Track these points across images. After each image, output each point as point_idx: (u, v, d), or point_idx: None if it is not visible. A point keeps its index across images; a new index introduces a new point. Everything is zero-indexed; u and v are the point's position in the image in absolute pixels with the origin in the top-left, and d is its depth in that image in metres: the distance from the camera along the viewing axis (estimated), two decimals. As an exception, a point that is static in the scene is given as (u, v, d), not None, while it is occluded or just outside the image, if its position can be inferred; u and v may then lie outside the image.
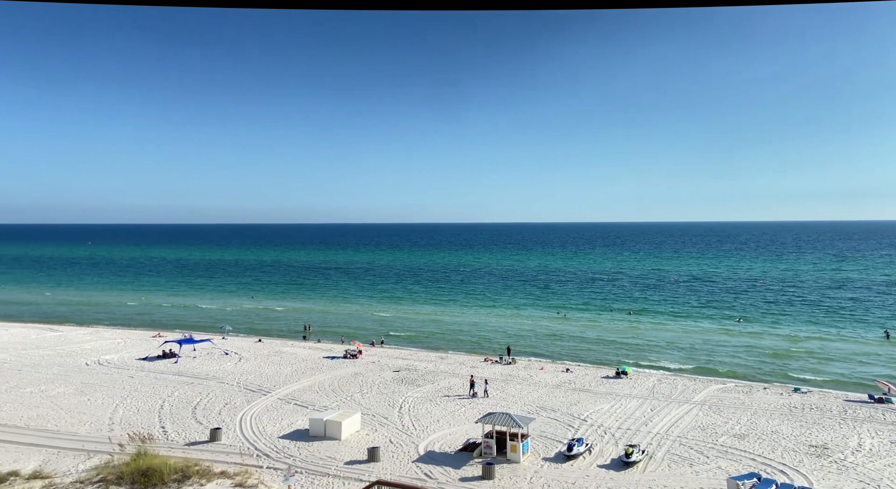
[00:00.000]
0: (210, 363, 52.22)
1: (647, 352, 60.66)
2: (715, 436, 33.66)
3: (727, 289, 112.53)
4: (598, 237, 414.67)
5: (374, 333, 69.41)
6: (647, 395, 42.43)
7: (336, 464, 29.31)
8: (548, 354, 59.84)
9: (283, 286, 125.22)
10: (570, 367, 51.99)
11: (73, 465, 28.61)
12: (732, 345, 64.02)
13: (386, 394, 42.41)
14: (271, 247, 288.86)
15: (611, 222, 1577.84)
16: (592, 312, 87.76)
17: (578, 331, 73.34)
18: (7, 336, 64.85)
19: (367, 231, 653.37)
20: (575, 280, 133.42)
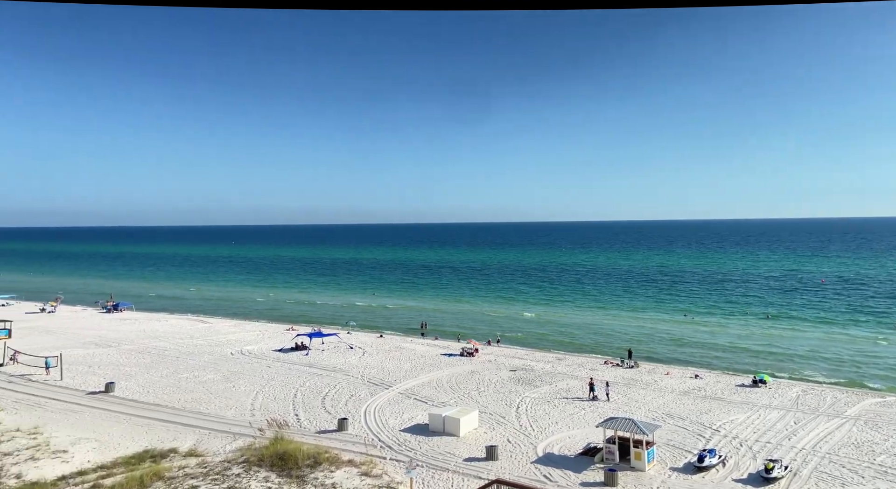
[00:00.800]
0: (337, 356, 55.31)
1: (788, 361, 55.31)
2: (872, 455, 29.88)
3: (883, 293, 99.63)
4: (727, 235, 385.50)
5: (488, 332, 69.69)
6: (790, 407, 38.64)
7: (455, 460, 29.77)
8: (673, 359, 56.59)
9: (399, 284, 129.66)
10: (700, 373, 48.74)
11: (221, 446, 31.59)
12: (891, 356, 56.54)
13: (503, 394, 42.39)
14: (388, 247, 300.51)
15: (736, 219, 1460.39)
16: (723, 315, 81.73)
17: (707, 335, 68.64)
18: (167, 326, 73.20)
19: (483, 230, 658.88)
20: (702, 280, 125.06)
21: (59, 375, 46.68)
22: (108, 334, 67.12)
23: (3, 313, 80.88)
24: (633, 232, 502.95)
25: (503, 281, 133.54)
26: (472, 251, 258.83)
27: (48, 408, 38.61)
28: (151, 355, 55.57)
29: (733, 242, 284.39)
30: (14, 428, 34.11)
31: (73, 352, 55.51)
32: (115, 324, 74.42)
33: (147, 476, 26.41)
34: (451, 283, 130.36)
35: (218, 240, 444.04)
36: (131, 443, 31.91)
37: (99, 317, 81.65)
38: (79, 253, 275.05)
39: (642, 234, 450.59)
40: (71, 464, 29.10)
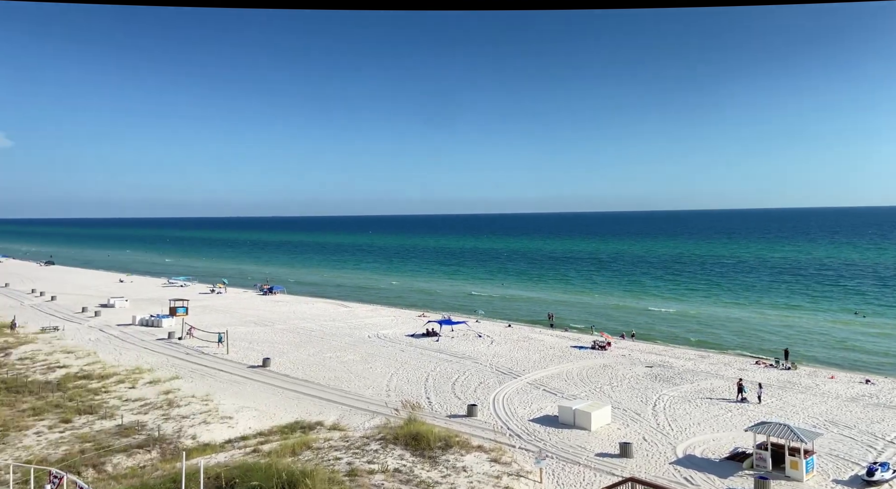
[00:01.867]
0: (465, 343, 56.43)
1: None
2: None
3: None
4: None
5: (619, 326, 66.99)
6: None
7: (586, 454, 29.09)
8: (838, 361, 50.48)
9: (525, 274, 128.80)
10: (872, 379, 42.97)
11: (361, 422, 33.69)
12: None
13: (638, 390, 40.57)
14: (514, 237, 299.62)
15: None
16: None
17: (883, 336, 60.27)
18: (313, 309, 79.45)
19: (607, 220, 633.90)
20: (879, 275, 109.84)
21: (226, 349, 52.61)
22: (265, 314, 74.33)
23: (181, 293, 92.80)
24: (783, 220, 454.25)
25: (630, 273, 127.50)
26: (598, 241, 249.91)
27: (217, 378, 43.72)
28: (300, 335, 60.65)
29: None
30: (190, 394, 39.09)
31: (237, 330, 62.23)
32: (270, 306, 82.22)
33: (298, 445, 28.94)
34: (576, 274, 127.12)
35: (353, 229, 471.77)
36: (284, 414, 35.15)
37: (257, 299, 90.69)
38: (241, 240, 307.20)
39: (795, 222, 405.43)
40: (235, 429, 32.74)
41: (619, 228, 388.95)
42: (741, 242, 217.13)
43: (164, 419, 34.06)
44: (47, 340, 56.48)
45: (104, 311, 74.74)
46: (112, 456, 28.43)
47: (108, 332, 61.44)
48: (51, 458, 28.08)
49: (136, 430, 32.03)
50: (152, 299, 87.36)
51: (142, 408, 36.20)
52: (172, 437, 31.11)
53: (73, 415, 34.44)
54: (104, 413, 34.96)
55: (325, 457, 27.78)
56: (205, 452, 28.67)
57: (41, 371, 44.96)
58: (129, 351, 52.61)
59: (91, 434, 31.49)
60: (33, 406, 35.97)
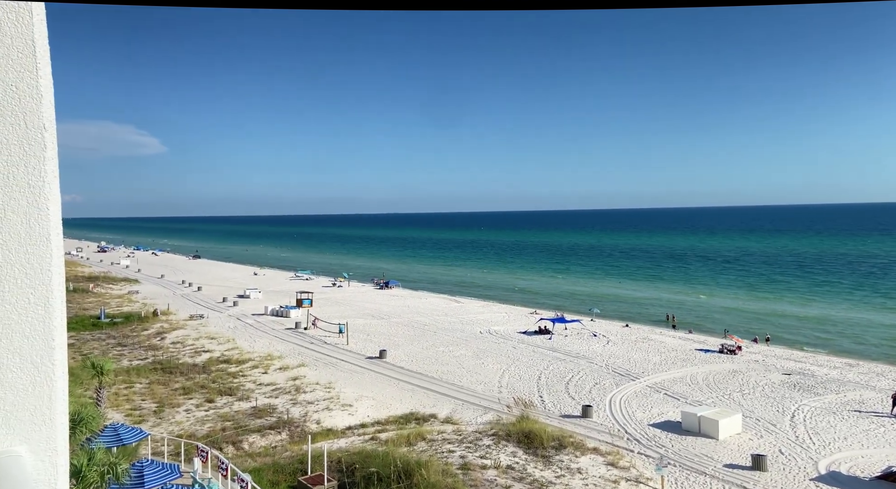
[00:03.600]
0: (579, 343, 54.97)
1: None
2: None
3: None
4: None
5: (754, 329, 61.76)
6: None
7: (713, 465, 27.16)
8: None
9: (643, 272, 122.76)
10: None
11: (473, 417, 33.98)
12: None
13: (773, 399, 37.21)
14: (631, 233, 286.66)
15: None
16: None
17: None
18: (426, 304, 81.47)
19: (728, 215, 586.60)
20: None
21: (346, 340, 55.48)
22: (381, 308, 77.41)
23: (306, 286, 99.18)
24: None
25: (763, 271, 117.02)
26: (721, 237, 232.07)
27: (338, 367, 46.21)
28: (414, 328, 62.43)
29: None
30: (315, 381, 41.65)
31: (356, 322, 65.40)
32: (386, 299, 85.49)
33: (413, 435, 29.80)
34: (700, 273, 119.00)
35: (468, 226, 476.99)
36: (399, 405, 36.35)
37: (374, 292, 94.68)
38: (358, 236, 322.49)
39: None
40: (355, 417, 34.39)
41: (732, 223, 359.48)
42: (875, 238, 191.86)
43: (293, 403, 36.57)
44: (195, 327, 62.83)
45: (241, 302, 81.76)
46: (248, 435, 31.04)
47: (244, 321, 67.15)
48: (198, 434, 31.21)
49: (268, 413, 34.71)
50: (282, 291, 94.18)
51: (273, 392, 39.14)
52: (300, 421, 33.32)
53: (215, 395, 38.04)
54: (241, 395, 38.25)
55: (438, 449, 28.34)
56: (328, 437, 30.40)
57: (189, 354, 50.13)
58: (261, 339, 57.13)
59: (230, 414, 34.59)
60: (183, 386, 40.20)
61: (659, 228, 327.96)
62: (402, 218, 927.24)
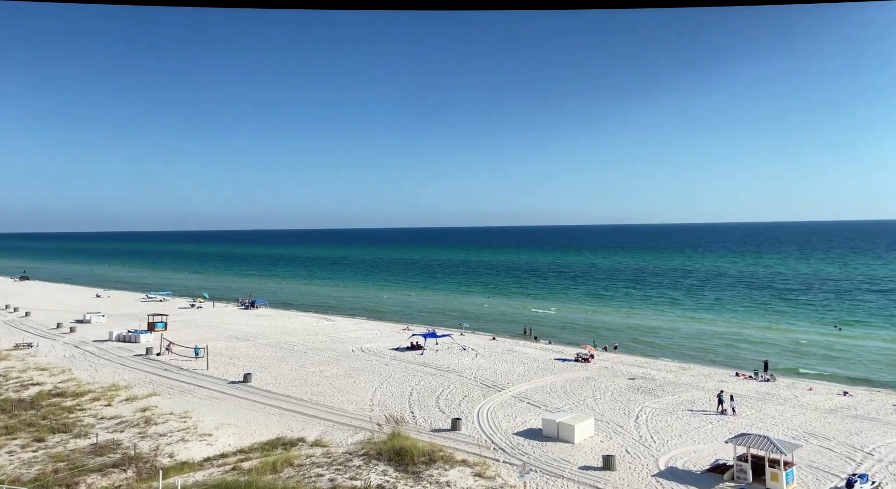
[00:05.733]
0: (450, 357, 56.26)
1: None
2: None
3: None
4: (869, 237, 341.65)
5: (604, 339, 67.32)
6: (966, 434, 33.40)
7: (570, 468, 29.07)
8: (819, 374, 51.21)
9: (510, 287, 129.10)
10: (850, 391, 43.64)
11: (344, 438, 33.34)
12: None
13: (620, 402, 40.74)
14: (494, 249, 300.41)
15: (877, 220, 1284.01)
16: (882, 327, 72.62)
17: (862, 348, 61.36)
18: (295, 323, 78.70)
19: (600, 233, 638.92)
20: (852, 289, 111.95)
21: (206, 365, 51.84)
22: (246, 329, 73.45)
23: (160, 308, 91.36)
24: (751, 235, 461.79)
25: (616, 286, 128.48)
26: (575, 254, 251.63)
27: (196, 394, 43.00)
28: (282, 349, 60.00)
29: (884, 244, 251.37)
30: (168, 411, 38.39)
31: (217, 345, 61.38)
32: (251, 320, 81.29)
33: (279, 462, 28.53)
34: (562, 287, 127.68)
35: (331, 242, 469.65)
36: (265, 430, 34.66)
37: (238, 313, 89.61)
38: (220, 254, 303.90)
39: (759, 236, 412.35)
40: (214, 446, 32.19)
41: (597, 242, 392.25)
42: (713, 256, 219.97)
43: (141, 437, 33.38)
44: (20, 357, 55.19)
45: (80, 327, 73.28)
46: (86, 475, 27.75)
47: (83, 349, 60.21)
48: (23, 478, 27.34)
49: (111, 449, 31.34)
50: (130, 314, 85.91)
51: (118, 426, 35.45)
52: (149, 456, 30.49)
53: (46, 433, 33.61)
54: (78, 431, 34.17)
55: (306, 475, 27.41)
56: (182, 471, 28.12)
57: (14, 389, 43.87)
58: (104, 367, 51.58)
59: (65, 453, 30.74)
60: (6, 424, 35.03)
61: (522, 245, 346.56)
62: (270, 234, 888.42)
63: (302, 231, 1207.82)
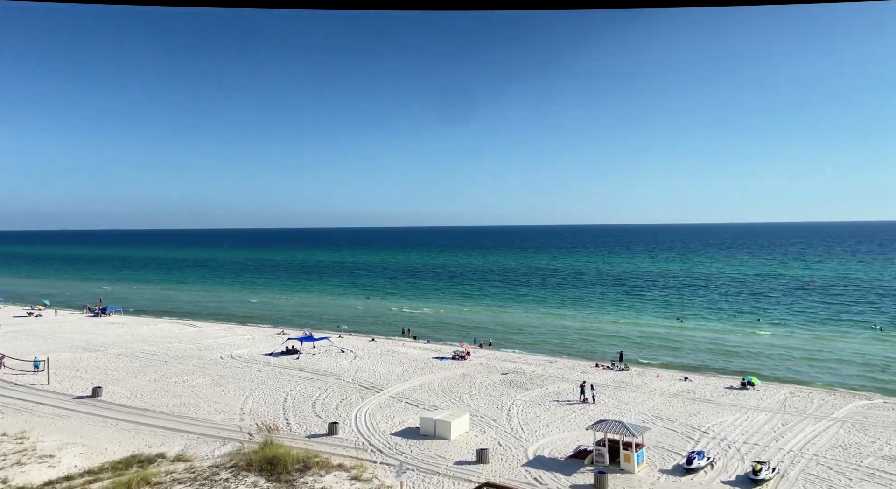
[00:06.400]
0: (328, 360, 55.12)
1: (777, 362, 55.80)
2: (859, 457, 30.17)
3: (869, 296, 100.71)
4: (714, 239, 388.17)
5: (483, 335, 69.74)
6: (778, 409, 38.95)
7: (446, 464, 29.74)
8: (664, 362, 56.88)
9: (390, 288, 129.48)
10: (689, 376, 49.01)
11: (210, 451, 31.38)
12: (877, 356, 57.14)
13: (494, 397, 42.41)
14: (374, 251, 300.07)
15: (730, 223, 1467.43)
16: (714, 319, 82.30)
17: (698, 338, 69.06)
18: (155, 330, 72.66)
19: (469, 234, 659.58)
20: (693, 284, 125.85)
21: (47, 380, 46.20)
22: (96, 338, 66.52)
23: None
24: (620, 235, 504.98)
25: (491, 285, 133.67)
26: (453, 255, 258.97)
27: (35, 412, 38.19)
28: (139, 359, 55.13)
29: (721, 246, 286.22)
30: (0, 433, 33.71)
31: (61, 357, 54.96)
32: (102, 328, 73.75)
33: (134, 481, 26.17)
34: (438, 288, 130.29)
35: (205, 243, 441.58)
36: (119, 448, 31.63)
37: (87, 321, 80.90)
38: (63, 256, 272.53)
39: (628, 237, 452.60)
40: (57, 469, 28.79)
41: (469, 243, 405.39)
42: (582, 255, 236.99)
43: (-36, 465, 28.96)
44: None
45: None
46: None
47: None
48: None
49: (-77, 482, 26.86)
50: (-50, 325, 74.28)
51: (-67, 454, 30.47)
52: (-26, 486, 26.55)
53: None
54: None
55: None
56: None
57: None
58: (-84, 387, 44.11)
59: None
60: None
61: (398, 247, 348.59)
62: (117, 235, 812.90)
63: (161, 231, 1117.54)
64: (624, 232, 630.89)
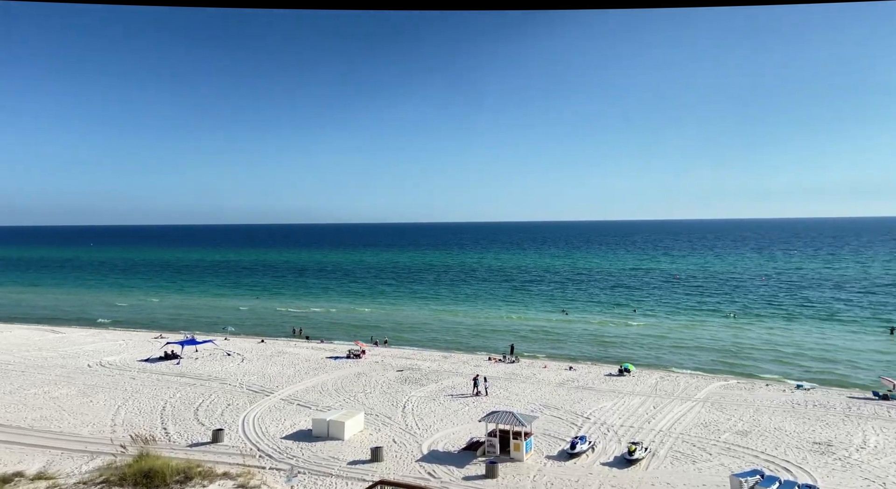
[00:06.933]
0: (212, 364, 52.21)
1: (649, 350, 60.65)
2: (718, 433, 33.63)
3: (724, 286, 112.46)
4: (595, 236, 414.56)
5: (377, 333, 69.39)
6: (650, 393, 42.41)
7: (339, 465, 29.29)
8: (551, 353, 59.82)
9: (288, 287, 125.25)
10: (574, 366, 51.98)
11: (77, 467, 28.60)
12: (730, 342, 63.99)
13: (389, 394, 42.39)
14: (270, 248, 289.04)
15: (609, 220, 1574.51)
16: (595, 311, 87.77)
17: (581, 329, 73.34)
18: (11, 337, 64.88)
19: (368, 231, 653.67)
20: (576, 279, 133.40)
21: None
22: (-66, 349, 58.16)
23: None
24: (512, 233, 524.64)
25: (384, 283, 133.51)
26: (345, 253, 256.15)
27: None
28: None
29: (602, 242, 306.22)
30: None
31: None
32: (-58, 337, 64.62)
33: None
34: (329, 286, 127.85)
35: (69, 242, 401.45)
36: (-37, 473, 27.89)
37: (-79, 329, 70.49)
38: None
39: (520, 234, 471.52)
40: None
41: (361, 240, 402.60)
42: (468, 253, 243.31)
43: None
44: None
45: None
46: None
47: None
48: None
49: None
50: None
51: None
52: None
53: None
54: None
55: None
56: None
57: None
58: None
59: None
60: None
61: (284, 244, 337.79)
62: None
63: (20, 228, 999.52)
64: (515, 229, 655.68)
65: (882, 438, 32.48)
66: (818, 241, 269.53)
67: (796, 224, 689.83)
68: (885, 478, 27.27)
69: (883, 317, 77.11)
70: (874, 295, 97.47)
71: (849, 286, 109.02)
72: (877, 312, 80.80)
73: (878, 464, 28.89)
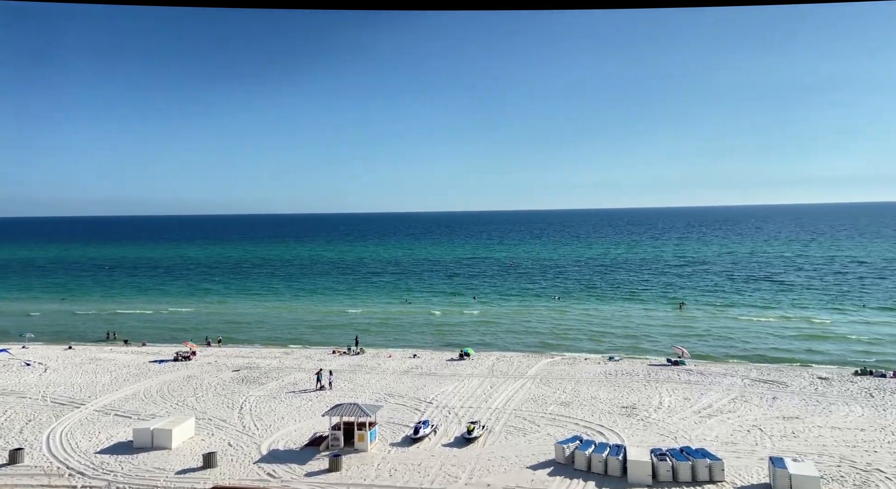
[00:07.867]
0: (8, 376, 44.93)
1: (486, 334, 64.31)
2: (545, 406, 36.85)
3: (548, 272, 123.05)
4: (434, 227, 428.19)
5: (208, 334, 64.72)
6: (487, 374, 45.07)
7: (166, 475, 26.99)
8: (397, 342, 60.72)
9: (94, 288, 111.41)
10: (417, 353, 53.32)
11: None
12: (554, 323, 70.38)
13: (224, 396, 39.91)
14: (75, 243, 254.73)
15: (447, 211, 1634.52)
16: (436, 299, 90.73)
17: (424, 318, 75.39)
18: None
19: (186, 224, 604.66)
20: (416, 269, 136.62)
21: None
22: None
23: None
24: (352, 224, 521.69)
25: (213, 281, 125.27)
26: (168, 248, 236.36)
27: None
28: None
29: (442, 233, 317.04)
30: None
31: None
32: None
33: None
34: (152, 286, 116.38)
35: None
36: None
37: None
38: None
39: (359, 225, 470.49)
40: None
41: (196, 233, 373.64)
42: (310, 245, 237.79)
43: None
44: None
45: None
46: None
47: None
48: None
49: None
50: None
51: None
52: None
53: None
54: None
55: None
56: None
57: None
58: None
59: None
60: None
61: (93, 239, 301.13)
62: None
63: None
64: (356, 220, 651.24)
65: (674, 399, 38.08)
66: (621, 230, 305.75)
67: (598, 214, 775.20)
68: (675, 432, 32.05)
69: (671, 295, 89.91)
70: (665, 275, 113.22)
71: (646, 269, 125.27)
72: (667, 291, 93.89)
73: (671, 421, 33.87)
